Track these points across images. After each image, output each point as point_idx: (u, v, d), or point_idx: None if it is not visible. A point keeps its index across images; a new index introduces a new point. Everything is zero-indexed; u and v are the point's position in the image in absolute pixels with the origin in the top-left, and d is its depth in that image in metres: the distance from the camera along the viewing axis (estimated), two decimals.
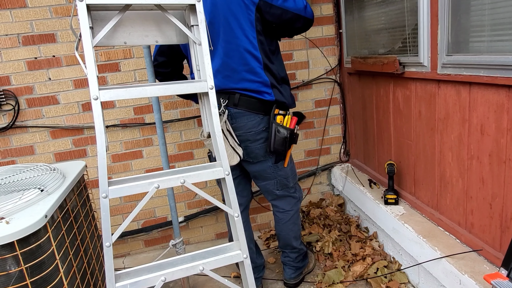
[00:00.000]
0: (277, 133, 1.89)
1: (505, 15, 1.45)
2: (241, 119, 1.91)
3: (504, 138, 1.53)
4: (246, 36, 1.80)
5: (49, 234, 1.30)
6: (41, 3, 2.38)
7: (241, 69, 1.84)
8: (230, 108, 1.90)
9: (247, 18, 1.78)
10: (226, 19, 1.79)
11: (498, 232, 1.64)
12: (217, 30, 1.82)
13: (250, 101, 1.89)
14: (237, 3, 1.76)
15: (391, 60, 2.14)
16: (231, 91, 1.89)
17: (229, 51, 1.83)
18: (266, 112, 1.92)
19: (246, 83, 1.86)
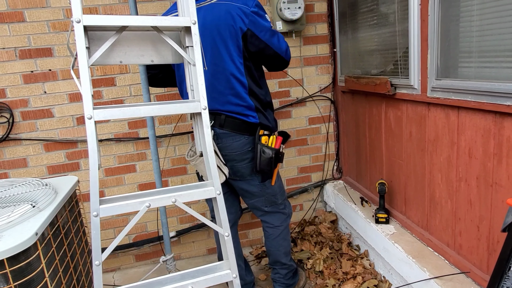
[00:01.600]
0: (262, 154, 1.91)
1: (492, 43, 1.50)
2: (226, 139, 1.93)
3: (490, 162, 1.56)
4: (233, 61, 1.83)
5: (39, 251, 1.30)
6: (39, 18, 2.41)
7: (227, 93, 1.87)
8: (216, 128, 1.92)
9: (235, 43, 1.81)
10: (215, 42, 1.81)
11: (486, 254, 1.66)
12: (205, 51, 1.84)
13: (235, 122, 1.91)
14: (227, 27, 1.79)
15: (383, 81, 2.18)
16: (217, 112, 1.92)
17: (216, 74, 1.85)
18: (251, 133, 1.94)
19: (231, 106, 1.89)
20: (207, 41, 1.83)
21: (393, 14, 2.09)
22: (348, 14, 2.65)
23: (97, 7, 2.48)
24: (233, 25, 1.78)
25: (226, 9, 1.79)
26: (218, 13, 1.79)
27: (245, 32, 1.79)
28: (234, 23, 1.78)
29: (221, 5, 1.80)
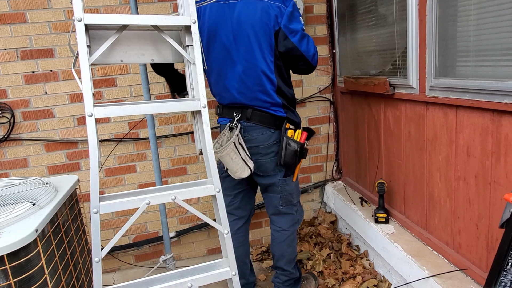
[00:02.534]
0: (288, 146, 1.93)
1: (489, 42, 1.51)
2: (253, 132, 1.95)
3: (489, 160, 1.57)
4: (264, 59, 1.85)
5: (39, 248, 1.31)
6: (41, 19, 2.43)
7: (255, 89, 1.90)
8: (243, 121, 1.95)
9: (268, 41, 1.83)
10: (249, 39, 1.84)
11: (485, 253, 1.66)
12: (239, 47, 1.87)
13: (263, 115, 1.94)
14: (262, 25, 1.81)
15: (381, 81, 2.19)
16: (244, 106, 1.95)
17: (247, 70, 1.88)
18: (277, 127, 1.97)
19: (259, 102, 1.93)
20: (241, 38, 1.85)
21: (392, 14, 2.11)
22: (347, 16, 2.67)
23: (98, 8, 2.50)
24: (268, 23, 1.80)
25: (262, 7, 1.80)
26: (254, 11, 1.81)
27: (277, 31, 1.81)
28: (269, 21, 1.80)
29: (256, 2, 1.82)
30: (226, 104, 2.02)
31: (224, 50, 1.89)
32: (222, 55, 1.90)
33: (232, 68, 1.90)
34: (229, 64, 1.91)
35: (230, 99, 1.97)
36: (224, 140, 1.93)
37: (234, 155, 1.89)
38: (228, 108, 2.01)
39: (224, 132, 1.96)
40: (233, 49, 1.87)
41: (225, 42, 1.87)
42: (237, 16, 1.83)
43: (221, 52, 1.90)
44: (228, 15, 1.86)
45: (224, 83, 1.95)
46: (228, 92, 1.96)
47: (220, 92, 2.00)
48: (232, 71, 1.91)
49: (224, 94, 1.98)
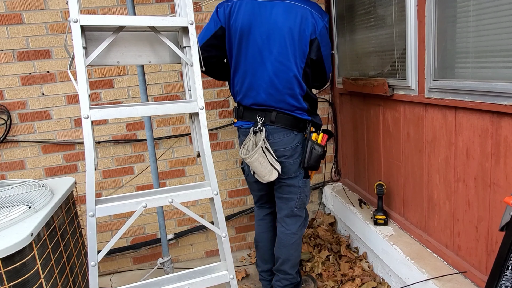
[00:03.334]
0: (313, 150, 1.98)
1: (488, 43, 1.50)
2: (277, 134, 1.98)
3: (488, 162, 1.56)
4: (296, 64, 1.89)
5: (34, 252, 1.30)
6: (38, 20, 2.41)
7: (284, 92, 1.92)
8: (267, 125, 1.96)
9: (302, 48, 1.87)
10: (285, 42, 1.86)
11: (484, 255, 1.65)
12: (272, 47, 1.88)
13: (287, 118, 1.96)
14: (299, 32, 1.85)
15: (380, 83, 2.18)
16: (268, 109, 1.96)
17: (278, 72, 1.89)
18: (300, 129, 2.00)
19: (285, 105, 1.95)
20: (276, 39, 1.87)
21: (390, 15, 2.10)
22: (346, 17, 2.66)
23: (95, 9, 2.48)
24: (306, 30, 1.85)
25: (302, 14, 1.85)
26: (294, 15, 1.85)
27: (312, 40, 1.87)
28: (307, 29, 1.85)
29: (297, 7, 1.86)
30: (249, 105, 2.01)
31: (256, 48, 1.90)
32: (253, 54, 1.91)
33: (261, 68, 1.92)
34: (258, 63, 1.92)
35: (254, 99, 1.98)
36: (250, 145, 1.96)
37: (262, 160, 1.92)
38: (250, 111, 2.02)
39: (249, 137, 1.99)
40: (266, 49, 1.89)
41: (258, 41, 1.88)
42: (275, 17, 1.86)
43: (252, 50, 1.91)
44: (264, 14, 1.87)
45: (251, 81, 1.95)
46: (254, 91, 1.96)
47: (246, 91, 1.99)
48: (261, 70, 1.92)
49: (250, 93, 1.98)
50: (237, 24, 1.89)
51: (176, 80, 2.70)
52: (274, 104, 1.95)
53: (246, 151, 1.95)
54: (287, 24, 1.84)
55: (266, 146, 1.94)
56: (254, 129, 1.96)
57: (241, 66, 1.94)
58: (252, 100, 1.99)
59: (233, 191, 2.96)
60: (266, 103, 1.96)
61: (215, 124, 2.82)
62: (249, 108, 2.02)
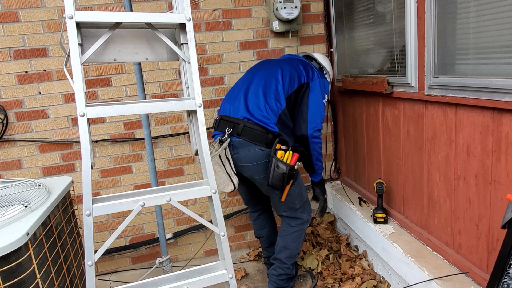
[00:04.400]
0: (276, 168, 1.91)
1: (489, 39, 1.49)
2: (242, 149, 1.97)
3: (489, 160, 1.54)
4: (283, 88, 2.04)
5: (30, 252, 1.28)
6: (34, 18, 2.39)
7: (260, 102, 2.00)
8: (233, 137, 1.97)
9: (293, 84, 2.08)
10: (281, 67, 2.10)
11: (485, 253, 1.64)
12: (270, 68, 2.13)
13: (253, 132, 1.94)
14: (298, 71, 2.10)
15: (380, 80, 2.17)
16: (237, 121, 1.98)
17: (265, 86, 2.04)
18: (268, 145, 1.96)
19: (258, 112, 1.98)
20: (276, 64, 2.13)
21: (390, 12, 2.08)
22: (345, 14, 2.64)
23: (92, 6, 2.46)
24: (305, 77, 2.09)
25: (304, 66, 2.14)
26: (297, 63, 2.15)
27: (301, 84, 2.08)
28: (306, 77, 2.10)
29: (303, 63, 2.18)
30: (222, 115, 2.10)
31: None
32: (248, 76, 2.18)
33: (249, 83, 2.12)
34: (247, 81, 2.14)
35: (226, 110, 2.08)
36: (212, 152, 1.94)
37: (217, 168, 1.89)
38: (223, 122, 2.05)
39: (213, 144, 1.98)
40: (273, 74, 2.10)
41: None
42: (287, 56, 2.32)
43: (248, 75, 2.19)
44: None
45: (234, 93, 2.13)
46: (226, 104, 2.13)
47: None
48: (248, 85, 2.10)
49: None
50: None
51: (174, 78, 2.68)
52: (244, 115, 2.03)
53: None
54: (289, 61, 2.23)
55: (227, 155, 1.92)
56: (221, 138, 1.98)
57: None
58: (224, 112, 2.17)
59: None
60: (236, 115, 2.06)
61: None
62: (222, 119, 2.12)
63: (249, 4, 2.71)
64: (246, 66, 2.78)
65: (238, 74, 2.78)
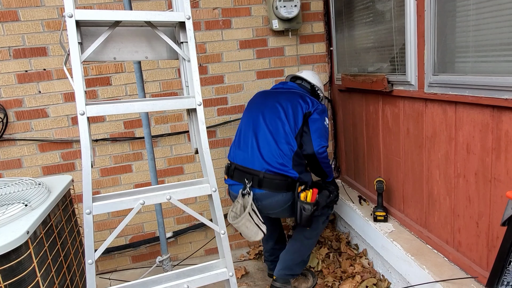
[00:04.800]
0: (303, 212, 2.04)
1: (489, 37, 1.49)
2: (266, 200, 2.09)
3: (489, 157, 1.54)
4: (290, 129, 2.11)
5: (30, 250, 1.28)
6: (34, 17, 2.39)
7: (276, 152, 2.08)
8: (255, 189, 2.07)
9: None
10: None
11: (485, 251, 1.64)
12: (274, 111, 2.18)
13: (274, 181, 2.05)
14: (299, 105, 2.16)
15: (379, 78, 2.17)
16: (255, 172, 2.08)
17: (276, 134, 2.11)
18: (289, 189, 2.08)
19: (275, 163, 2.07)
20: (276, 102, 2.19)
21: (389, 10, 2.08)
22: (344, 12, 2.64)
23: (92, 5, 2.46)
24: (305, 107, 2.16)
25: (301, 96, 2.20)
26: (295, 97, 2.19)
27: (307, 112, 2.15)
28: (306, 106, 2.16)
29: (298, 93, 2.25)
30: (236, 165, 2.17)
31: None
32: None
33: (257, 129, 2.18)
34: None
35: (241, 160, 2.17)
36: (238, 208, 2.05)
37: (249, 224, 2.00)
38: (239, 172, 2.13)
39: (238, 200, 2.08)
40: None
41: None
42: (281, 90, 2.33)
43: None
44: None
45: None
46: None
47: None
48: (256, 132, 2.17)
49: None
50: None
51: (174, 77, 2.68)
52: (262, 167, 2.12)
53: (234, 214, 2.05)
54: (289, 97, 2.28)
55: (253, 208, 2.01)
56: (243, 192, 2.08)
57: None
58: (240, 163, 2.23)
59: None
60: (253, 166, 2.14)
61: (214, 121, 2.81)
62: (239, 169, 2.20)
63: (249, 2, 2.71)
64: (245, 65, 2.79)
65: (237, 73, 2.78)
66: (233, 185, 2.18)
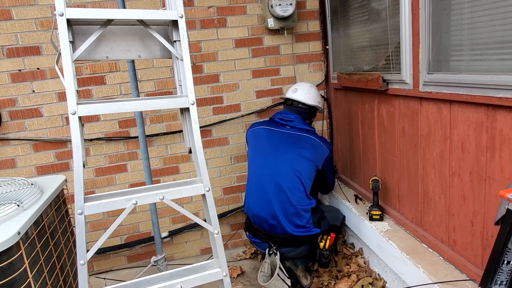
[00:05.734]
0: (323, 259, 2.26)
1: (483, 35, 1.48)
2: (290, 253, 2.27)
3: (483, 156, 1.54)
4: (305, 188, 2.28)
5: (22, 251, 1.27)
6: (27, 16, 2.37)
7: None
8: (281, 247, 2.24)
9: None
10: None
11: (480, 250, 1.64)
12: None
13: (299, 240, 2.23)
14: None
15: (375, 77, 2.16)
16: (280, 236, 2.24)
17: (294, 195, 2.25)
18: (310, 241, 2.28)
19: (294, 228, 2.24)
20: (286, 155, 2.31)
21: (384, 9, 2.08)
22: (340, 11, 2.63)
23: (86, 4, 2.44)
24: (317, 161, 2.36)
25: (312, 146, 2.36)
26: (303, 147, 2.34)
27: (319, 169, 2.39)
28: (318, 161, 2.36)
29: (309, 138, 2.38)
30: (258, 228, 2.32)
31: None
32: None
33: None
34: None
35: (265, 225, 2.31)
36: (266, 267, 2.23)
37: (278, 283, 2.14)
38: (262, 235, 2.28)
39: (266, 260, 2.21)
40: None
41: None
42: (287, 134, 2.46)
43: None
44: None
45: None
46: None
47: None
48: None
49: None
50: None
51: (169, 76, 2.67)
52: (284, 230, 2.29)
53: (263, 274, 2.19)
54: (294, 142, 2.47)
55: (280, 266, 2.16)
56: (270, 252, 2.25)
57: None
58: (265, 228, 2.38)
59: (228, 188, 2.94)
60: (275, 231, 2.32)
61: (209, 120, 2.80)
62: (266, 234, 2.36)
63: (244, 1, 2.70)
64: (241, 64, 2.78)
65: (233, 72, 2.77)
66: (257, 243, 2.36)
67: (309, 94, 2.49)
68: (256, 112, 2.87)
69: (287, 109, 2.52)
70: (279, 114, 2.49)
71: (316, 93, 2.55)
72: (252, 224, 2.34)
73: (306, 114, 2.50)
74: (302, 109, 2.48)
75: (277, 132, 2.40)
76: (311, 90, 2.53)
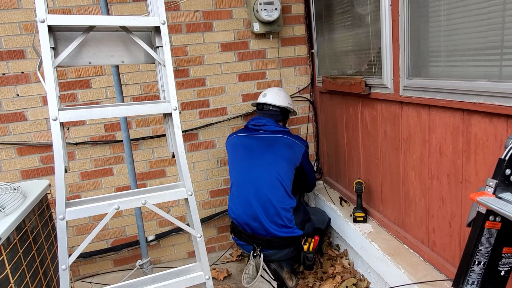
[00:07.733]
0: (307, 261, 2.31)
1: (458, 42, 1.53)
2: (274, 256, 2.30)
3: (460, 159, 1.59)
4: (285, 188, 2.32)
5: (3, 257, 1.27)
6: (11, 19, 2.36)
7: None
8: (265, 250, 2.27)
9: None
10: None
11: (458, 250, 1.68)
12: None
13: (282, 243, 2.27)
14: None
15: (358, 81, 2.20)
16: (264, 238, 2.27)
17: (275, 197, 2.29)
18: (294, 243, 2.30)
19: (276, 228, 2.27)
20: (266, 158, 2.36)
21: (367, 15, 2.12)
22: (325, 16, 2.67)
23: (71, 8, 2.44)
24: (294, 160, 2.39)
25: (287, 145, 2.39)
26: (281, 148, 2.38)
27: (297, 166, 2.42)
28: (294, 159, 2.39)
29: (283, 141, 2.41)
30: (242, 231, 2.35)
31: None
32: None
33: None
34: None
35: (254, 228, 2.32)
36: (251, 269, 2.26)
37: (262, 284, 2.17)
38: (246, 238, 2.34)
39: (250, 262, 2.25)
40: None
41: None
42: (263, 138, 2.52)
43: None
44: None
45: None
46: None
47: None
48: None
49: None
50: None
51: (155, 80, 2.68)
52: (267, 232, 2.32)
53: (247, 276, 2.23)
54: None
55: (264, 268, 2.20)
56: (254, 254, 2.28)
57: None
58: (251, 231, 2.42)
59: (215, 190, 2.96)
60: (258, 232, 2.35)
61: (196, 124, 2.81)
62: (251, 236, 2.40)
63: (230, 5, 2.72)
64: (227, 68, 2.80)
65: (219, 75, 2.79)
66: (242, 245, 2.41)
67: (279, 97, 2.55)
68: (243, 116, 2.89)
69: (259, 114, 2.58)
70: (252, 121, 2.54)
71: (286, 95, 2.60)
72: (236, 227, 2.37)
73: (278, 116, 2.55)
74: (274, 112, 2.53)
75: (252, 137, 2.45)
76: (280, 92, 2.59)
